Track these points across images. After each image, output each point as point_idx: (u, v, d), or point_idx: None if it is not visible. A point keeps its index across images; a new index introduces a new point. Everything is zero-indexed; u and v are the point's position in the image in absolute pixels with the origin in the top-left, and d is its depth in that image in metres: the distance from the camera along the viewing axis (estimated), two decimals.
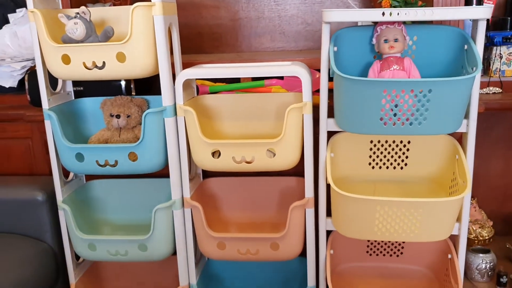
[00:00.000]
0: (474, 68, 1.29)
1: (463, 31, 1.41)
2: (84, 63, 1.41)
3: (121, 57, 1.39)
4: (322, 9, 1.36)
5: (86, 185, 1.73)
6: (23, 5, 1.99)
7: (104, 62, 1.40)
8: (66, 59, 1.41)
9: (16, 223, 1.71)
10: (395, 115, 1.31)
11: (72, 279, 1.64)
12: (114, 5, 1.93)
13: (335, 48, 1.40)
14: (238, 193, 1.73)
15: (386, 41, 1.40)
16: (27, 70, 1.88)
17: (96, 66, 1.41)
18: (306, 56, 1.84)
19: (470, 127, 1.41)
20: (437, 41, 1.46)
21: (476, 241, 2.03)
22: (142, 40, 1.38)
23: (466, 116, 1.40)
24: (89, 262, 1.76)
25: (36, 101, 1.80)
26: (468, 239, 2.03)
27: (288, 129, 1.41)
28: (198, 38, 2.24)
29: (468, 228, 2.05)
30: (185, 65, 1.67)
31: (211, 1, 2.20)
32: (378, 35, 1.42)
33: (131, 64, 1.40)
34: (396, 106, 1.29)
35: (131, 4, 1.98)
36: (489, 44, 1.76)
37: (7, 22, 2.00)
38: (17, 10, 1.99)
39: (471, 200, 2.10)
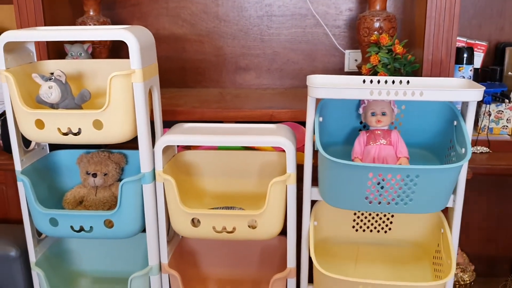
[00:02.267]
0: (464, 150, 1.26)
1: (453, 106, 1.37)
2: (59, 129, 1.34)
3: (98, 125, 1.33)
4: (309, 83, 1.30)
5: (61, 240, 1.66)
6: None
7: (80, 129, 1.34)
8: (39, 124, 1.35)
9: None
10: (380, 195, 1.27)
11: None
12: (93, 44, 1.85)
13: (321, 119, 1.36)
14: (218, 251, 1.68)
15: (373, 114, 1.36)
16: (0, 115, 1.80)
17: (71, 132, 1.35)
18: (292, 100, 1.80)
19: (456, 203, 1.38)
20: (426, 112, 1.42)
21: (457, 286, 2.03)
22: (120, 108, 1.32)
23: (454, 192, 1.37)
24: None
25: (9, 148, 1.72)
26: None
27: (271, 201, 1.37)
28: (181, 72, 2.18)
29: None
30: (166, 112, 1.62)
31: (195, 35, 2.13)
32: (365, 106, 1.38)
33: (108, 131, 1.34)
34: (382, 187, 1.26)
35: (110, 44, 1.92)
36: None
37: None
38: None
39: None
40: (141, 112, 1.34)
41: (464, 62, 1.69)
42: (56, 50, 1.77)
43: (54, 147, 1.62)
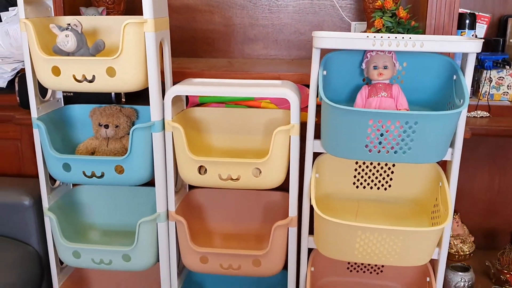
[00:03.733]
0: (462, 101, 1.31)
1: (453, 61, 1.42)
2: (74, 76, 1.41)
3: (111, 72, 1.39)
4: (314, 33, 1.35)
5: (73, 191, 1.74)
6: (16, 3, 1.96)
7: (94, 76, 1.40)
8: (56, 71, 1.41)
9: (2, 226, 1.72)
10: (380, 143, 1.33)
11: (56, 284, 1.66)
12: (108, 9, 1.91)
13: (325, 72, 1.41)
14: (224, 205, 1.75)
15: (375, 67, 1.41)
16: (17, 72, 1.87)
17: (86, 79, 1.41)
18: (298, 67, 1.84)
19: (454, 156, 1.43)
20: (427, 68, 1.47)
21: (457, 256, 2.07)
22: (132, 56, 1.38)
23: (452, 145, 1.42)
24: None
25: (25, 104, 1.79)
26: (449, 253, 2.06)
27: (274, 150, 1.42)
28: (191, 42, 2.24)
29: (450, 243, 2.09)
30: (176, 73, 1.67)
31: (206, 6, 2.19)
32: (368, 60, 1.43)
33: (121, 78, 1.40)
34: (381, 135, 1.31)
35: (124, 9, 1.98)
36: (480, 66, 1.77)
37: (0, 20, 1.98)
38: (10, 8, 1.98)
39: (454, 215, 2.14)
40: (152, 61, 1.40)
41: (466, 27, 1.73)
42: (71, 13, 1.83)
43: (68, 103, 1.69)
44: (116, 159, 1.47)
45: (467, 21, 1.73)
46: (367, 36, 1.41)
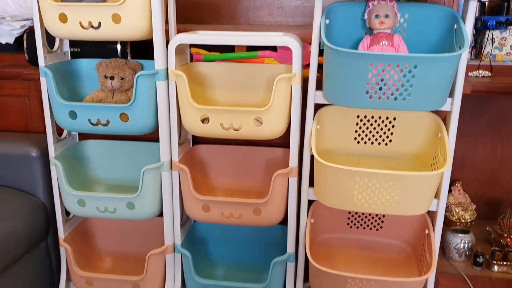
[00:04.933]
0: (462, 47, 1.32)
1: (454, 10, 1.43)
2: (80, 23, 1.44)
3: (116, 18, 1.42)
4: None
5: (79, 144, 1.78)
6: None
7: (99, 23, 1.43)
8: (63, 18, 1.44)
9: (10, 177, 1.76)
10: (380, 89, 1.34)
11: (61, 233, 1.70)
12: None
13: (327, 21, 1.43)
14: (226, 161, 1.77)
15: (377, 16, 1.43)
16: (26, 30, 1.90)
17: (92, 26, 1.44)
18: (302, 30, 1.86)
19: (454, 106, 1.44)
20: (428, 19, 1.48)
21: (458, 223, 2.08)
22: (137, 2, 1.40)
23: (451, 95, 1.43)
24: (78, 218, 1.82)
25: (33, 60, 1.83)
26: (450, 221, 2.08)
27: (276, 98, 1.44)
28: (197, 8, 2.26)
29: (451, 210, 2.10)
30: (181, 32, 1.69)
31: None
32: (370, 10, 1.45)
33: (126, 26, 1.43)
34: (382, 80, 1.32)
35: None
36: (483, 27, 1.78)
37: None
38: None
39: (456, 183, 2.15)
40: (157, 8, 1.42)
41: None
42: None
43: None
44: (121, 106, 1.50)
45: None
46: None
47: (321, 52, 1.44)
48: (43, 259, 1.76)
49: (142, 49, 1.81)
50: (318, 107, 1.55)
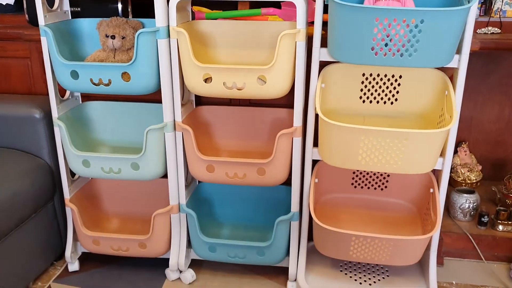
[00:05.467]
0: (470, 1, 1.28)
1: None
2: None
3: None
4: None
5: (82, 105, 1.77)
6: None
7: None
8: None
9: (15, 139, 1.76)
10: (386, 45, 1.31)
11: (67, 194, 1.71)
12: None
13: None
14: (230, 121, 1.76)
15: None
16: None
17: None
18: None
19: (461, 63, 1.41)
20: None
21: (464, 184, 2.08)
22: None
23: (459, 51, 1.40)
24: (84, 179, 1.83)
25: (34, 21, 1.81)
26: (456, 181, 2.08)
27: (280, 56, 1.42)
28: None
29: (457, 171, 2.09)
30: None
31: None
32: None
33: None
34: (387, 36, 1.29)
35: None
36: None
37: None
38: None
39: (462, 144, 2.13)
40: None
41: None
42: None
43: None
44: (122, 65, 1.48)
45: None
46: None
47: (326, 9, 1.41)
48: (50, 220, 1.78)
49: (143, 7, 1.77)
50: (323, 65, 1.52)
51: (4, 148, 1.77)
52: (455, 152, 2.13)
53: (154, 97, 1.67)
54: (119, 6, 1.72)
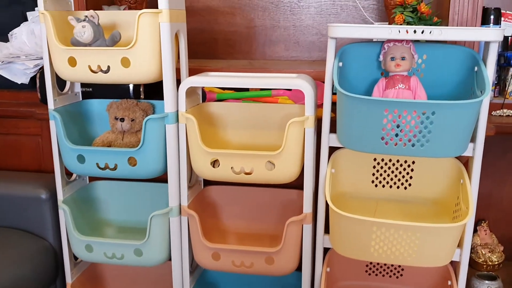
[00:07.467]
0: (483, 91, 1.25)
1: (474, 52, 1.37)
2: (89, 66, 1.42)
3: (125, 62, 1.40)
4: (329, 24, 1.33)
5: (89, 186, 1.75)
6: None
7: (108, 66, 1.41)
8: (72, 62, 1.43)
9: (19, 219, 1.74)
10: (396, 135, 1.28)
11: (69, 278, 1.66)
12: (130, 8, 1.94)
13: (340, 64, 1.38)
14: (238, 203, 1.72)
15: (392, 58, 1.37)
16: (39, 68, 1.91)
17: (101, 70, 1.42)
18: (318, 67, 1.82)
19: (476, 151, 1.36)
20: (447, 60, 1.42)
21: (485, 266, 1.97)
22: (147, 46, 1.38)
23: (473, 140, 1.36)
24: (87, 262, 1.78)
25: (46, 100, 1.82)
26: (477, 263, 1.97)
27: (288, 142, 1.39)
28: (213, 44, 2.24)
29: (477, 252, 1.99)
30: (194, 71, 1.66)
31: (228, 8, 2.20)
32: (385, 52, 1.39)
33: (135, 69, 1.40)
34: (398, 126, 1.26)
35: (146, 8, 2.00)
36: (506, 64, 1.71)
37: (26, 19, 2.04)
38: (36, 8, 2.03)
39: (482, 223, 2.05)
40: (167, 51, 1.40)
41: (491, 22, 1.67)
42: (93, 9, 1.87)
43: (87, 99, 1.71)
44: (129, 150, 1.47)
45: (492, 16, 1.67)
46: None
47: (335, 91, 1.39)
48: None
49: (155, 87, 1.78)
50: (333, 149, 1.49)
51: (8, 228, 1.74)
52: (475, 231, 2.04)
53: (163, 176, 1.64)
54: (131, 86, 1.73)
